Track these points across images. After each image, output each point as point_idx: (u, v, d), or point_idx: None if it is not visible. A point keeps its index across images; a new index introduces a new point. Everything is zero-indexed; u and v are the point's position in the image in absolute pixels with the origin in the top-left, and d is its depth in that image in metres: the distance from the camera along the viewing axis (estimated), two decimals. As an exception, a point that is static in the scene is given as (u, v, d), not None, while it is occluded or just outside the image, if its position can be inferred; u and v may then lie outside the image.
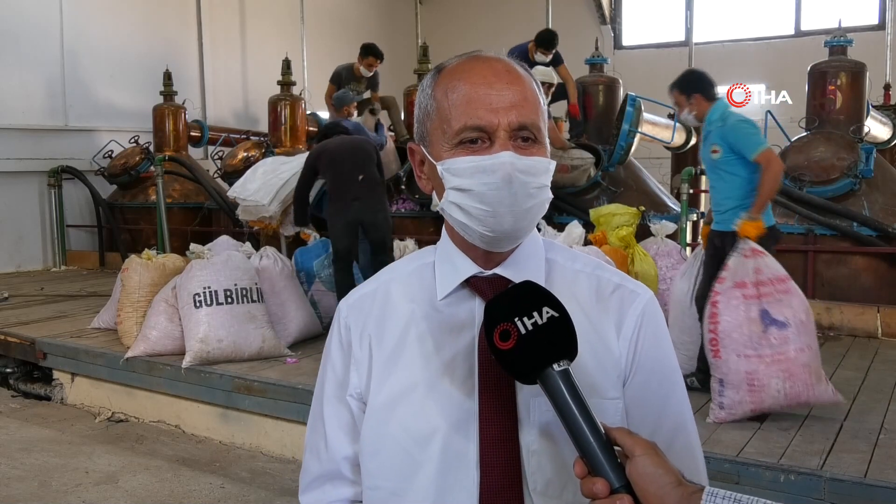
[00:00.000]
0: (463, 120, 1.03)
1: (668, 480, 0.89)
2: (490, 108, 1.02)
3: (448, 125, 1.04)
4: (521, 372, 0.95)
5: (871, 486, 2.95)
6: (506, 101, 1.03)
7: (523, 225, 1.06)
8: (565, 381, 0.94)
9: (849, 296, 5.70)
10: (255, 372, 4.54)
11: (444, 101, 1.05)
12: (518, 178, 1.02)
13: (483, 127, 1.02)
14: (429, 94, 1.08)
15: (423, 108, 1.10)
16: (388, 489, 1.09)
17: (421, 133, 1.11)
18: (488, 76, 1.04)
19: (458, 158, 1.04)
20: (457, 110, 1.04)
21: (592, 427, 0.92)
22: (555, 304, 0.96)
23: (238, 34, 11.81)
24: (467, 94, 1.03)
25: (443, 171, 1.05)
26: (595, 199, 7.02)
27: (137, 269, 5.21)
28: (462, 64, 1.08)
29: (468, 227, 1.05)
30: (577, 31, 11.59)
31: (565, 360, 0.95)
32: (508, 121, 1.02)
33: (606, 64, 8.33)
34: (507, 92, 1.03)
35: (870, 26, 11.09)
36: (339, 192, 5.51)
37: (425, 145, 1.10)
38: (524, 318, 0.95)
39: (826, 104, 6.38)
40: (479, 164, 1.02)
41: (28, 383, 5.57)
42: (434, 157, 1.07)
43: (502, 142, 1.02)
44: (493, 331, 0.95)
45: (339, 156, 5.54)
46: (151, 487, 3.94)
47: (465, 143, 1.03)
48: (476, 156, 1.03)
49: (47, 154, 9.32)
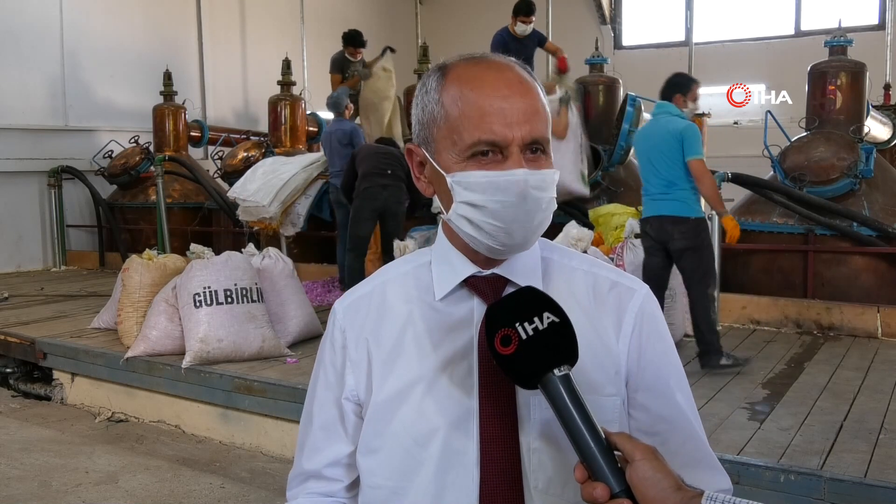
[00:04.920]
0: (477, 134, 1.02)
1: (667, 485, 0.90)
2: (504, 123, 1.01)
3: (459, 136, 1.03)
4: (523, 377, 0.96)
5: (871, 486, 2.95)
6: (519, 114, 1.02)
7: (533, 237, 1.07)
8: (566, 386, 0.94)
9: (849, 296, 5.70)
10: (255, 372, 4.54)
11: (454, 110, 1.04)
12: (532, 194, 1.02)
13: (497, 142, 1.02)
14: (435, 99, 1.06)
15: (427, 111, 1.08)
16: (388, 488, 1.09)
17: (424, 137, 1.09)
18: (501, 88, 1.03)
19: (470, 172, 1.03)
20: (469, 122, 1.02)
21: (593, 432, 0.93)
22: (556, 310, 0.96)
23: (238, 34, 11.80)
24: (481, 107, 1.02)
25: (453, 184, 1.04)
26: (595, 199, 7.02)
27: (138, 269, 5.20)
28: (471, 69, 1.06)
29: (476, 240, 1.05)
30: (577, 31, 11.58)
31: (566, 366, 0.95)
32: (522, 135, 1.02)
33: (606, 64, 8.32)
34: (520, 104, 1.02)
35: (870, 26, 11.08)
36: (370, 180, 6.15)
37: (430, 151, 1.08)
38: (525, 323, 0.95)
39: (826, 104, 6.38)
40: (494, 181, 1.01)
41: (28, 383, 5.57)
42: (441, 166, 1.06)
43: (516, 158, 1.02)
44: (494, 336, 0.96)
45: (374, 151, 6.43)
46: (151, 487, 3.94)
47: (477, 156, 1.03)
48: (489, 171, 1.02)
49: (47, 154, 9.32)
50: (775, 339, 5.40)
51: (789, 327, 5.63)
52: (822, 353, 4.97)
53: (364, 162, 6.30)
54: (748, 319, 5.78)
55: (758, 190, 6.24)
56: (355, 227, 6.25)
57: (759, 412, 3.81)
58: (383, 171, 6.24)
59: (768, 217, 6.15)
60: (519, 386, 0.99)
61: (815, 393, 4.11)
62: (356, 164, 6.38)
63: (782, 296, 5.82)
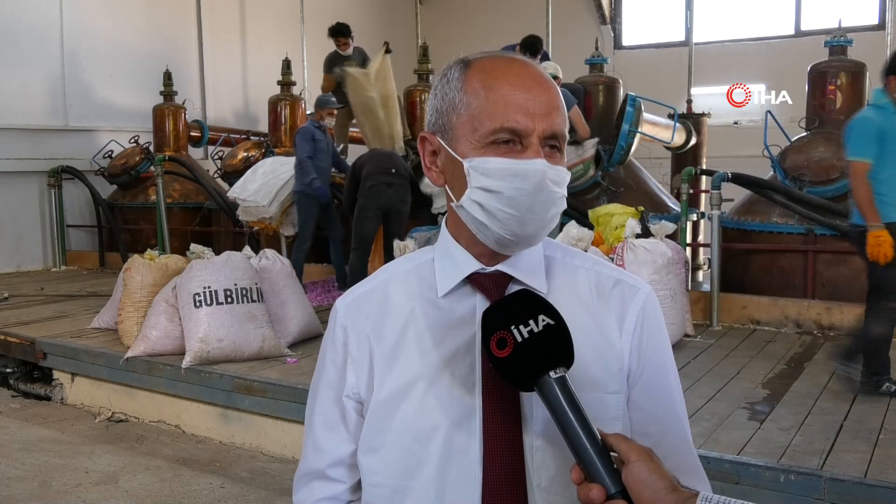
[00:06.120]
0: (500, 121, 1.03)
1: (662, 486, 0.90)
2: (527, 113, 1.02)
3: (480, 123, 1.04)
4: (519, 379, 0.97)
5: (871, 486, 2.95)
6: (542, 107, 1.03)
7: (543, 232, 1.07)
8: (562, 388, 0.95)
9: (849, 296, 5.69)
10: (255, 372, 4.54)
11: (478, 98, 1.05)
12: (549, 186, 1.03)
13: (519, 131, 1.02)
14: (458, 87, 1.07)
15: (448, 100, 1.08)
16: (390, 486, 1.09)
17: (441, 125, 1.09)
18: (527, 80, 1.05)
19: (489, 158, 1.03)
20: (493, 110, 1.03)
21: (589, 433, 0.94)
22: (551, 312, 0.97)
23: (238, 34, 11.80)
24: (505, 96, 1.03)
25: (469, 168, 1.04)
26: (595, 199, 7.02)
27: (140, 269, 5.21)
28: (496, 62, 1.08)
29: (487, 228, 1.05)
30: (577, 31, 11.59)
31: (562, 368, 0.96)
32: (543, 128, 1.03)
33: (606, 64, 8.32)
34: (542, 98, 1.04)
35: (870, 26, 11.07)
36: (375, 178, 6.17)
37: (446, 139, 1.08)
38: (520, 325, 0.96)
39: (826, 104, 6.38)
40: (513, 168, 1.02)
41: (28, 383, 5.57)
42: (458, 152, 1.06)
43: (535, 148, 1.03)
44: (490, 339, 0.96)
45: (377, 153, 6.53)
46: (151, 487, 3.94)
47: (497, 143, 1.03)
48: (509, 158, 1.03)
49: (47, 154, 9.32)
50: (775, 339, 5.40)
51: (789, 327, 5.63)
52: (822, 353, 4.97)
53: (368, 163, 6.31)
54: (748, 319, 5.78)
55: (758, 190, 6.24)
56: (360, 226, 6.21)
57: (759, 412, 3.81)
58: (388, 169, 6.24)
59: (768, 217, 6.15)
60: (515, 388, 0.99)
61: (815, 393, 4.11)
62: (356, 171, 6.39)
63: (782, 296, 5.82)
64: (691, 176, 6.22)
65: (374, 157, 6.47)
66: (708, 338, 5.41)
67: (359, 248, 6.19)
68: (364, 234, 6.19)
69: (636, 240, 5.10)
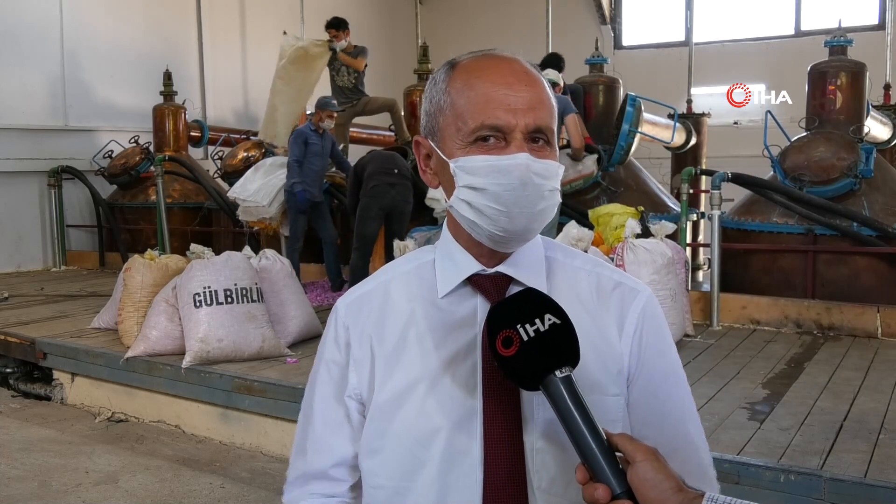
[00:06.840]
0: (480, 119, 1.03)
1: (668, 486, 0.90)
2: (508, 109, 1.02)
3: (463, 122, 1.04)
4: (524, 378, 0.96)
5: (871, 486, 2.94)
6: (524, 102, 1.03)
7: (535, 226, 1.07)
8: (567, 387, 0.94)
9: (849, 296, 5.69)
10: (255, 372, 4.54)
11: (460, 98, 1.05)
12: (533, 179, 1.02)
13: (500, 127, 1.02)
14: (443, 89, 1.08)
15: (434, 102, 1.09)
16: (391, 488, 1.09)
17: (431, 127, 1.10)
18: (507, 76, 1.04)
19: (472, 157, 1.04)
20: (474, 108, 1.03)
21: (594, 433, 0.93)
22: (557, 311, 0.96)
23: (238, 34, 11.80)
24: (486, 94, 1.03)
25: (455, 169, 1.05)
26: (595, 199, 7.02)
27: (140, 269, 5.21)
28: (479, 61, 1.07)
29: (478, 226, 1.05)
30: (577, 31, 11.59)
31: (567, 367, 0.95)
32: (525, 122, 1.03)
33: (606, 64, 8.33)
34: (525, 93, 1.03)
35: (870, 26, 11.08)
36: (378, 178, 6.20)
37: (435, 140, 1.09)
38: (526, 324, 0.95)
39: (826, 104, 6.38)
40: (496, 164, 1.02)
41: (28, 383, 5.57)
42: (445, 153, 1.07)
43: (518, 143, 1.02)
44: (496, 337, 0.96)
45: (380, 154, 6.57)
46: (151, 487, 3.94)
47: (480, 141, 1.03)
48: (492, 155, 1.03)
49: (47, 154, 9.31)
50: (775, 339, 5.40)
51: (789, 327, 5.63)
52: (822, 353, 4.97)
53: (370, 163, 6.33)
54: (748, 319, 5.78)
55: (758, 190, 6.24)
56: (362, 226, 6.21)
57: (759, 412, 3.81)
58: (390, 169, 6.25)
59: (768, 217, 6.15)
60: (521, 387, 0.99)
61: (815, 393, 4.11)
62: (358, 172, 6.41)
63: (782, 296, 5.82)
64: (691, 176, 6.21)
65: (377, 157, 6.49)
66: (708, 338, 5.41)
67: (360, 248, 6.20)
68: (366, 234, 6.20)
69: (636, 240, 5.10)
